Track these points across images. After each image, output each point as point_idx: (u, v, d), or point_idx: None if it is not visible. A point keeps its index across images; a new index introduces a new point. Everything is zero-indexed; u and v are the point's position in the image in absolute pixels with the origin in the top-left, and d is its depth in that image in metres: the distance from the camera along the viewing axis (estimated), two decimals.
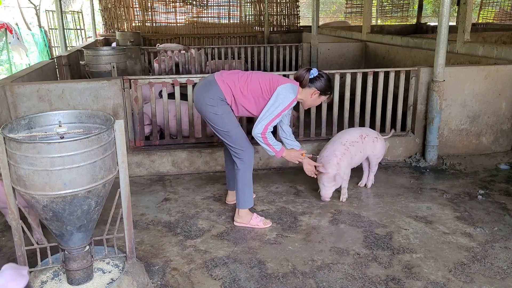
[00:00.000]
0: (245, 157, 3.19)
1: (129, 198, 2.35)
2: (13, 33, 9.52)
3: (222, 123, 3.11)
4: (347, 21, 15.68)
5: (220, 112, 3.08)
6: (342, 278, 2.69)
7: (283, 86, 3.06)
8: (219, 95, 3.07)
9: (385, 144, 3.96)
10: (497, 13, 14.36)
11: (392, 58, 6.87)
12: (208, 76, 3.24)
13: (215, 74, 3.18)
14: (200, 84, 3.21)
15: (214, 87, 3.09)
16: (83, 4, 13.94)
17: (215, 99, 3.07)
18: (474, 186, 4.06)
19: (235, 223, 3.36)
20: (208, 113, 3.11)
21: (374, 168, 4.00)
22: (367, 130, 3.95)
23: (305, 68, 3.19)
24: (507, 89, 4.71)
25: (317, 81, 3.13)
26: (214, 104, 3.07)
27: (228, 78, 3.11)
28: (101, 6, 11.99)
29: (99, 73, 5.86)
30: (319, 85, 3.14)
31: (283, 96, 3.03)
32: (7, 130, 2.11)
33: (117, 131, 2.20)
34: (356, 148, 3.72)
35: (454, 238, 3.15)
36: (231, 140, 3.16)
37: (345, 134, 3.83)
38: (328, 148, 3.70)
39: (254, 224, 3.32)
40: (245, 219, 3.33)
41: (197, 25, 12.43)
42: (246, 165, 3.21)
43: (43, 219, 2.17)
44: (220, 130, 3.14)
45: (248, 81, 3.11)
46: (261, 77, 3.13)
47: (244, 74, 3.18)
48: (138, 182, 4.20)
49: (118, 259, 2.53)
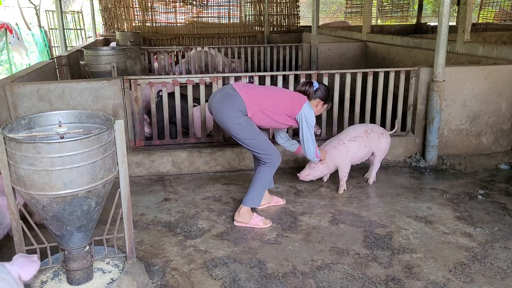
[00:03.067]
0: (271, 161, 3.30)
1: (129, 198, 2.36)
2: (13, 33, 9.52)
3: (246, 132, 3.20)
4: (347, 21, 15.67)
5: (243, 122, 3.18)
6: (342, 278, 2.69)
7: (304, 107, 3.25)
8: (241, 108, 3.16)
9: (390, 140, 4.07)
10: (497, 13, 14.35)
11: (392, 58, 6.87)
12: (226, 88, 3.30)
13: (236, 87, 3.25)
14: (219, 96, 3.25)
15: (237, 100, 3.16)
16: (83, 4, 13.94)
17: (236, 111, 3.16)
18: (474, 186, 4.06)
19: (235, 223, 3.37)
20: (231, 126, 3.18)
21: (377, 165, 4.09)
22: (372, 126, 4.06)
23: (305, 82, 3.41)
24: (507, 89, 4.71)
25: (319, 91, 3.37)
26: (237, 116, 3.16)
27: (252, 95, 3.21)
28: (101, 6, 11.99)
29: (99, 73, 5.86)
30: (321, 95, 3.39)
31: (309, 116, 3.27)
32: (7, 130, 2.11)
33: (117, 131, 2.20)
34: (358, 143, 3.85)
35: (454, 238, 3.15)
36: (257, 147, 3.25)
37: (349, 129, 4.00)
38: (328, 141, 3.96)
39: (254, 223, 3.33)
40: (245, 218, 3.34)
41: (197, 25, 12.43)
42: (272, 167, 3.33)
43: (43, 219, 2.17)
44: (245, 140, 3.23)
45: (273, 102, 3.24)
46: (282, 98, 3.27)
47: (265, 92, 3.30)
48: (138, 182, 4.20)
49: (118, 259, 2.53)
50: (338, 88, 4.59)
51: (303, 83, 3.42)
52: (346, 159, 3.82)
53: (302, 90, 3.39)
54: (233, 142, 4.54)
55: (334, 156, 3.80)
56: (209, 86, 4.49)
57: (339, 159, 3.81)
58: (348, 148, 3.82)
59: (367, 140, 3.89)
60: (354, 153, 3.85)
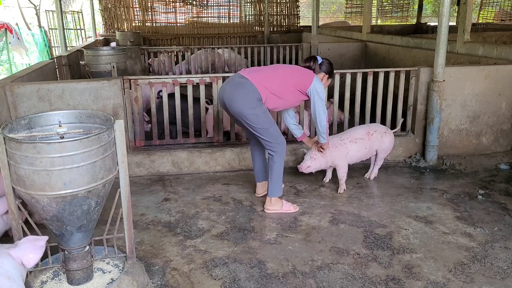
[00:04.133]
0: (280, 150, 3.40)
1: (129, 198, 2.35)
2: (13, 33, 9.52)
3: (262, 121, 3.28)
4: (347, 21, 15.67)
5: (260, 112, 3.26)
6: (342, 278, 2.69)
7: (315, 81, 3.35)
8: (257, 95, 3.22)
9: (394, 139, 4.12)
10: (497, 13, 14.35)
11: (392, 58, 6.87)
12: (234, 78, 3.33)
13: (244, 73, 3.30)
14: (230, 87, 3.29)
15: (250, 88, 3.21)
16: (83, 4, 13.94)
17: (254, 101, 3.21)
18: (474, 186, 4.06)
19: (267, 211, 3.54)
20: (249, 115, 3.24)
21: (380, 162, 4.17)
22: (375, 126, 4.12)
23: (309, 58, 3.52)
24: (507, 89, 4.71)
25: (323, 66, 3.51)
26: (254, 106, 3.22)
27: (262, 79, 3.26)
28: (101, 6, 11.98)
29: (99, 73, 5.86)
30: (326, 69, 3.53)
31: (320, 90, 3.37)
32: (7, 130, 2.11)
33: (117, 131, 2.20)
34: (359, 145, 3.91)
35: (454, 238, 3.15)
36: (269, 136, 3.34)
37: (352, 130, 4.07)
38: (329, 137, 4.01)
39: (286, 209, 3.55)
40: (277, 206, 3.54)
41: (197, 25, 12.43)
42: (281, 157, 3.43)
43: (43, 219, 2.17)
44: (259, 129, 3.31)
45: (282, 81, 3.31)
46: (290, 75, 3.35)
47: (272, 73, 3.36)
48: (138, 182, 4.20)
49: (118, 259, 2.53)
50: (338, 88, 4.59)
51: (307, 59, 3.54)
52: (344, 160, 3.87)
53: (307, 65, 3.49)
54: (233, 142, 4.55)
55: (334, 155, 3.83)
56: (209, 86, 4.49)
57: (338, 158, 3.85)
58: (348, 150, 3.87)
59: (369, 142, 3.94)
60: (353, 155, 3.91)
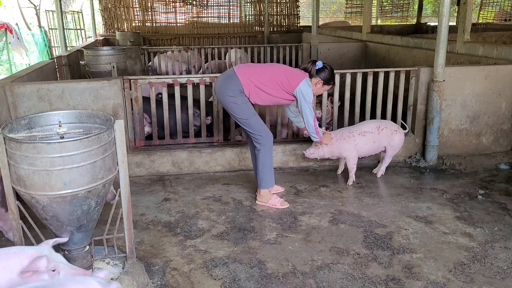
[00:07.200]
0: (264, 142, 3.53)
1: (129, 198, 2.36)
2: (13, 33, 9.52)
3: (241, 112, 3.45)
4: (347, 21, 15.65)
5: (239, 102, 3.42)
6: (342, 278, 2.69)
7: (302, 84, 3.43)
8: (239, 87, 3.40)
9: (404, 138, 4.18)
10: (497, 13, 14.35)
11: (392, 58, 6.87)
12: (228, 70, 3.57)
13: (235, 68, 3.50)
14: (221, 78, 3.55)
15: (234, 80, 3.41)
16: (83, 4, 13.93)
17: (235, 91, 3.40)
18: (474, 186, 4.06)
19: (257, 202, 3.70)
20: (229, 103, 3.44)
21: (388, 160, 4.24)
22: (387, 122, 4.21)
23: (310, 61, 3.59)
24: (507, 89, 4.71)
25: (322, 72, 3.54)
26: (234, 95, 3.41)
27: (249, 73, 3.44)
28: (101, 6, 11.98)
29: (99, 73, 5.86)
30: (323, 76, 3.55)
31: (306, 92, 3.44)
32: (7, 130, 2.11)
33: (117, 131, 2.20)
34: (367, 138, 4.02)
35: (454, 238, 3.15)
36: (251, 127, 3.50)
37: (362, 124, 4.17)
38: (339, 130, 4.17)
39: (272, 204, 3.64)
40: (265, 198, 3.66)
41: (197, 25, 12.42)
42: (266, 149, 3.55)
43: (43, 219, 2.18)
44: (240, 119, 3.49)
45: (270, 77, 3.44)
46: (279, 74, 3.46)
47: (263, 69, 3.54)
48: (138, 182, 4.19)
49: (118, 259, 2.53)
50: (338, 88, 4.59)
51: (307, 61, 3.63)
52: (353, 151, 4.00)
53: (304, 67, 3.59)
54: (233, 142, 4.55)
55: (342, 147, 3.97)
56: (209, 86, 4.49)
57: (347, 150, 3.99)
58: (357, 142, 3.99)
59: (378, 136, 4.03)
60: (361, 147, 4.02)
